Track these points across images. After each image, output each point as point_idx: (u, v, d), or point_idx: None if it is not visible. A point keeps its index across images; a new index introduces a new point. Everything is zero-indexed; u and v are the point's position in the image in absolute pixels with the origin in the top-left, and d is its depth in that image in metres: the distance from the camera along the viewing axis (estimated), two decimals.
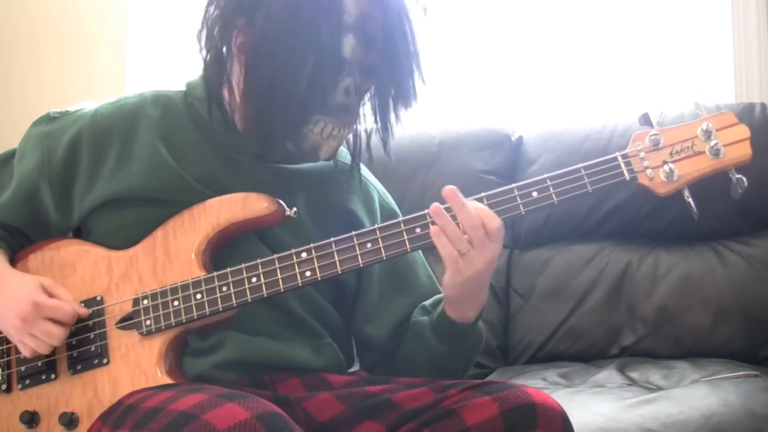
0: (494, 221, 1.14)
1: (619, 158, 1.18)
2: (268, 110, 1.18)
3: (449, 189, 1.14)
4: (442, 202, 1.16)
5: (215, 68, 1.23)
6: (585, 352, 1.99)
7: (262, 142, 1.21)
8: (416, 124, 2.20)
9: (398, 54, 1.22)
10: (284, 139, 1.22)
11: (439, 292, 1.36)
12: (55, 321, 1.18)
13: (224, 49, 1.22)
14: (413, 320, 1.30)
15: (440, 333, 1.24)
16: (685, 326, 1.93)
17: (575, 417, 1.15)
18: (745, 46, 2.28)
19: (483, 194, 1.19)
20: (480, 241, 1.13)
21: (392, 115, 1.28)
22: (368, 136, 1.31)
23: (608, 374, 1.79)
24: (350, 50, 1.19)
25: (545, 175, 1.19)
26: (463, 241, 1.13)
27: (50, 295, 1.20)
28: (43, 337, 1.18)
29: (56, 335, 1.18)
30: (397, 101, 1.26)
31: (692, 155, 1.18)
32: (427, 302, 1.32)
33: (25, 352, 1.20)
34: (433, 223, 1.16)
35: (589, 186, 1.18)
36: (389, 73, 1.24)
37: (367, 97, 1.28)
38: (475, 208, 1.15)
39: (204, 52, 1.23)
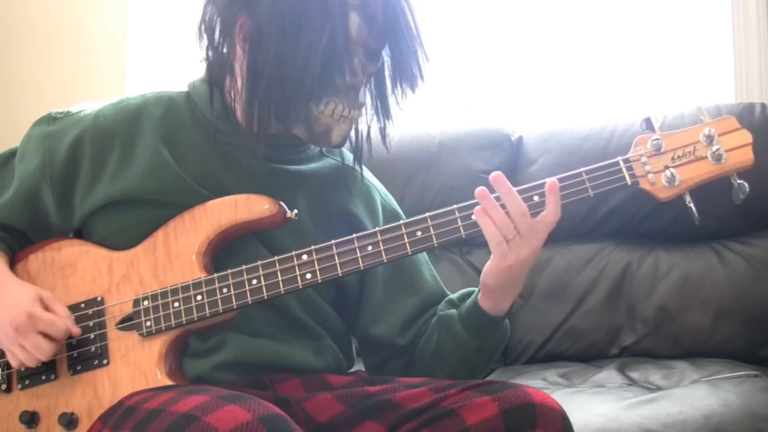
0: (555, 215, 1.15)
1: (621, 163, 1.18)
2: (278, 88, 1.17)
3: (496, 175, 1.14)
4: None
5: (218, 59, 1.23)
6: (585, 352, 1.99)
7: (267, 127, 1.20)
8: (416, 124, 2.20)
9: (400, 35, 1.22)
10: (296, 120, 1.21)
11: (443, 291, 1.37)
12: (46, 335, 1.18)
13: (226, 40, 1.22)
14: (440, 313, 1.29)
15: (470, 326, 1.24)
16: (685, 326, 1.93)
17: (575, 417, 1.15)
18: (745, 46, 2.28)
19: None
20: (526, 230, 1.14)
21: (394, 100, 1.28)
22: (368, 127, 1.31)
23: (608, 374, 1.79)
24: (356, 29, 1.19)
25: (546, 180, 1.18)
26: (510, 228, 1.13)
27: (46, 309, 1.20)
28: (32, 349, 1.17)
29: (45, 350, 1.18)
30: (402, 84, 1.26)
31: (694, 160, 1.18)
32: (454, 296, 1.31)
33: (13, 362, 1.20)
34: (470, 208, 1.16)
35: (590, 190, 1.18)
36: (392, 55, 1.25)
37: (368, 86, 1.28)
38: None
39: (206, 45, 1.23)
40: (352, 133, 1.31)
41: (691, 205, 1.19)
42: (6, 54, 2.80)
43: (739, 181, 1.18)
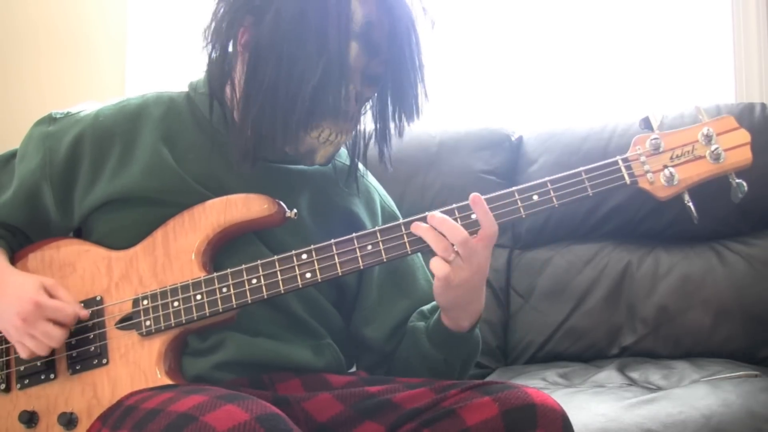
0: (491, 227, 1.15)
1: (620, 162, 1.18)
2: (270, 112, 1.18)
3: (430, 215, 1.16)
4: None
5: (219, 64, 1.23)
6: (585, 352, 1.99)
7: (259, 142, 1.21)
8: (416, 124, 2.19)
9: (403, 65, 1.22)
10: (284, 142, 1.21)
11: None
12: (55, 322, 1.18)
13: (229, 46, 1.22)
14: (410, 325, 1.30)
15: (435, 340, 1.25)
16: (685, 326, 1.93)
17: (575, 417, 1.15)
18: (745, 46, 2.28)
19: (484, 197, 1.18)
20: (468, 253, 1.14)
21: (392, 126, 1.28)
22: (366, 142, 1.31)
23: (608, 374, 1.79)
24: (354, 57, 1.19)
25: (546, 179, 1.19)
26: (450, 252, 1.14)
27: (51, 296, 1.20)
28: (42, 338, 1.18)
29: (56, 337, 1.18)
30: (399, 113, 1.26)
31: (693, 159, 1.18)
32: (426, 308, 1.32)
33: (23, 354, 1.20)
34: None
35: (589, 189, 1.18)
36: (392, 83, 1.24)
37: (369, 105, 1.28)
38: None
39: (209, 47, 1.23)
40: (348, 142, 1.31)
41: (690, 204, 1.19)
42: (6, 54, 2.80)
43: (737, 181, 1.18)
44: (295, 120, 1.17)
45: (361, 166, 1.37)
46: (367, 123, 1.31)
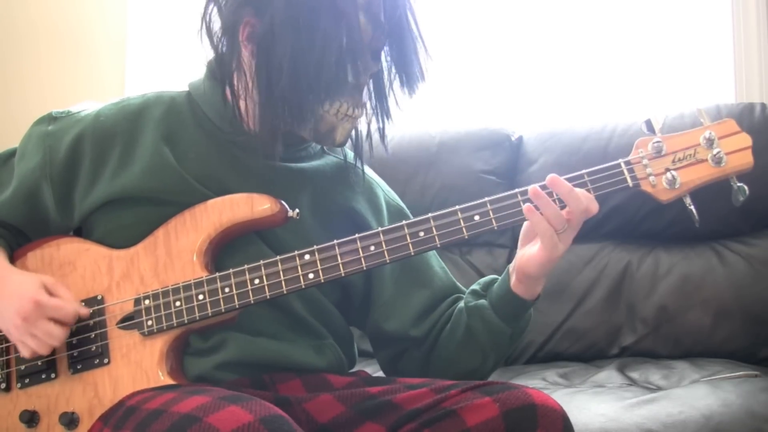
0: (595, 205, 1.17)
1: (622, 165, 1.19)
2: (293, 88, 1.17)
3: (553, 177, 1.15)
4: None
5: (224, 61, 1.23)
6: (585, 352, 1.99)
7: (285, 126, 1.20)
8: (416, 124, 2.20)
9: (404, 34, 1.23)
10: (310, 120, 1.21)
11: (454, 283, 1.37)
12: (56, 321, 1.18)
13: (230, 40, 1.21)
14: (470, 304, 1.28)
15: (504, 312, 1.24)
16: (685, 326, 1.93)
17: (575, 417, 1.15)
18: (745, 46, 2.29)
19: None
20: (578, 223, 1.15)
21: (393, 100, 1.29)
22: (368, 126, 1.31)
23: (608, 374, 1.79)
24: (363, 28, 1.20)
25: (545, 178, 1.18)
26: (563, 222, 1.14)
27: (51, 294, 1.20)
28: (43, 337, 1.18)
29: (57, 335, 1.18)
30: (403, 84, 1.27)
31: (694, 163, 1.18)
32: (475, 287, 1.31)
33: (25, 353, 1.20)
34: (523, 201, 1.17)
35: (592, 192, 1.18)
36: (393, 56, 1.25)
37: (368, 85, 1.29)
38: (583, 193, 1.16)
39: (210, 47, 1.23)
40: (353, 132, 1.31)
41: (692, 207, 1.19)
42: (6, 54, 2.80)
43: (738, 184, 1.19)
44: (321, 91, 1.18)
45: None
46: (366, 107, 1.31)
